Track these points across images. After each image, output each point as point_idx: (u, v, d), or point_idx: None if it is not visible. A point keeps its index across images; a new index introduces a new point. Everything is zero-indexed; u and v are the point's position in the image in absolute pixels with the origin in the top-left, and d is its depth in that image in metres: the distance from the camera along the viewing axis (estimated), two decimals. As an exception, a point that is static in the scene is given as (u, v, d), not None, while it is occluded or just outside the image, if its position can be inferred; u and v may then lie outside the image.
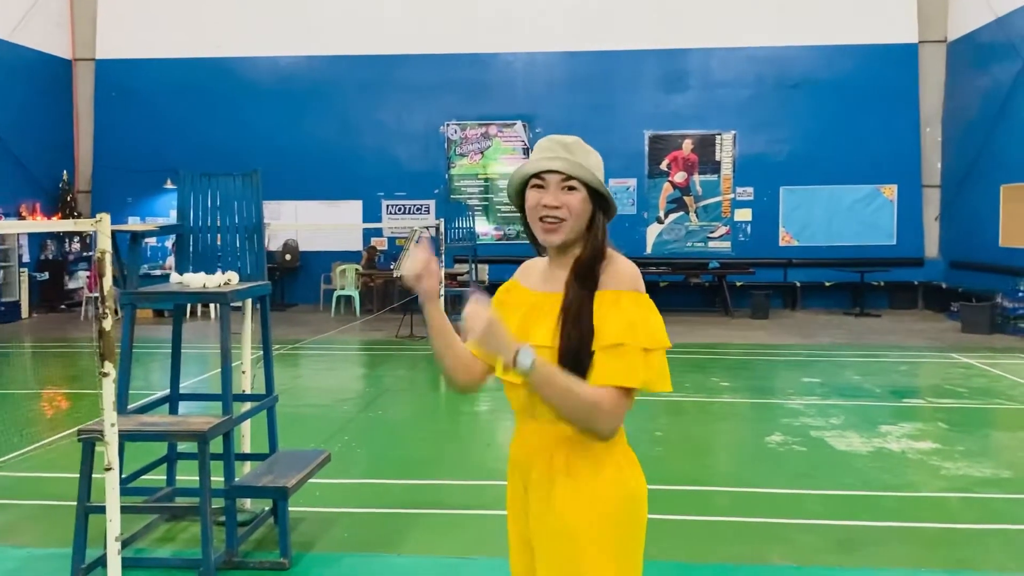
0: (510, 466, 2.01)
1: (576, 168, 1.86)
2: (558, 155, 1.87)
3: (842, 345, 10.90)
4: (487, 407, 7.64)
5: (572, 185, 1.86)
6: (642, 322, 1.79)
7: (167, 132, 15.77)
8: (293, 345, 11.00)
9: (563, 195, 1.86)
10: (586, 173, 1.87)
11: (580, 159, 1.87)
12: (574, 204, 1.86)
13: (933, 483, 5.21)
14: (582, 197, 1.87)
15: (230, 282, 4.34)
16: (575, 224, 1.87)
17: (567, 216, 1.86)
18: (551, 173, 1.87)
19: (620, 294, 1.82)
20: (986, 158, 13.42)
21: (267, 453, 4.58)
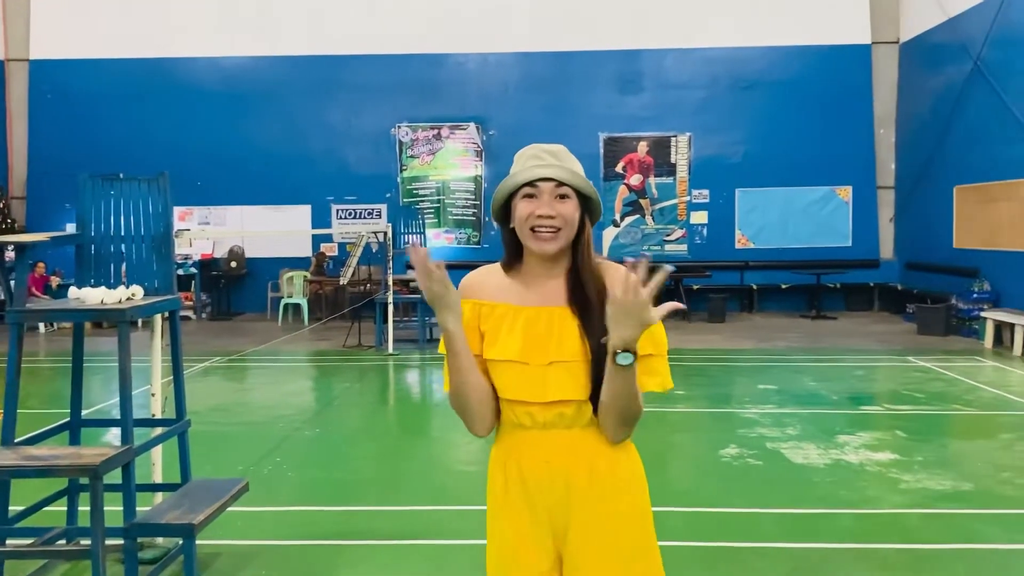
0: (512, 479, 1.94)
1: (569, 175, 1.85)
2: (549, 163, 1.86)
3: (798, 349, 10.74)
4: (437, 423, 7.31)
5: (565, 193, 1.85)
6: (659, 331, 1.85)
7: (107, 135, 15.17)
8: (231, 357, 10.55)
9: (557, 204, 1.85)
10: (578, 180, 1.86)
11: (570, 166, 1.88)
12: (568, 212, 1.85)
13: (892, 498, 4.98)
14: (575, 205, 1.86)
15: (134, 297, 3.95)
16: (570, 232, 1.86)
17: (563, 225, 1.84)
18: (544, 181, 1.85)
19: None
20: (939, 159, 13.40)
21: (179, 483, 4.18)
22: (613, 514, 1.89)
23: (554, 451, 1.89)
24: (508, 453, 1.95)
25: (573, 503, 1.89)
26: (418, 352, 10.84)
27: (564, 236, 1.85)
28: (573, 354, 1.84)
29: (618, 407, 1.80)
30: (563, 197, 1.85)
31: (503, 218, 1.93)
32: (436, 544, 4.34)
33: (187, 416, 4.23)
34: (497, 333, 1.89)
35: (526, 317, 1.89)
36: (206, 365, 9.98)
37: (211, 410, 7.61)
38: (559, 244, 1.85)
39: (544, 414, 1.88)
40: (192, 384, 8.94)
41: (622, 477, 1.91)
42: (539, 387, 1.86)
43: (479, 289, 1.95)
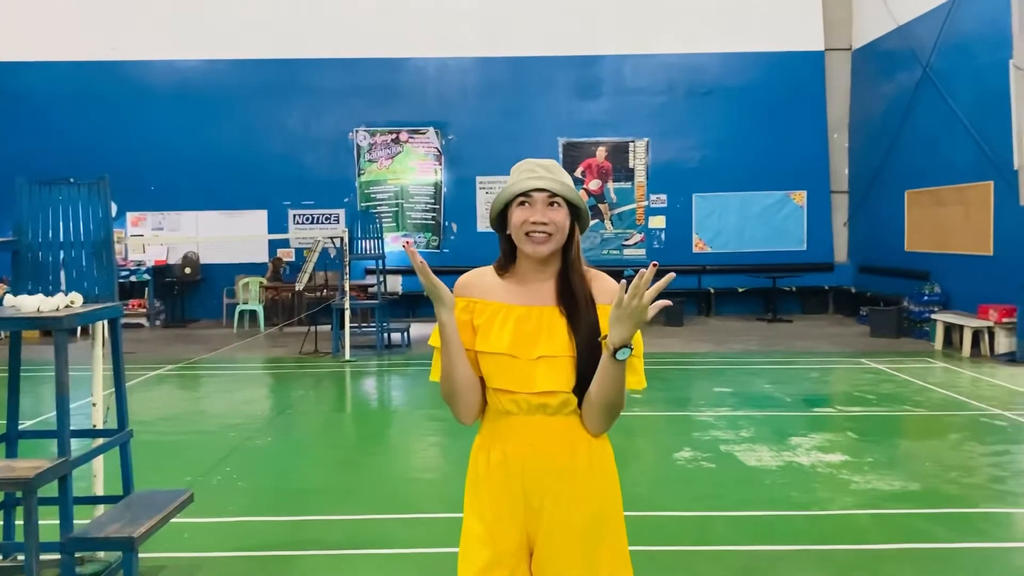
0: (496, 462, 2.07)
1: (560, 187, 2.04)
2: (541, 176, 2.05)
3: (754, 352, 10.85)
4: (393, 431, 7.24)
5: (556, 202, 2.03)
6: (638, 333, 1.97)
7: (58, 139, 14.83)
8: (184, 365, 10.36)
9: (549, 212, 2.03)
10: (568, 192, 2.05)
11: (564, 178, 2.07)
12: (559, 220, 2.03)
13: (843, 499, 5.03)
14: (565, 213, 2.05)
15: (73, 304, 3.85)
16: (560, 237, 2.04)
17: (554, 231, 2.02)
18: (538, 192, 2.03)
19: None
20: (891, 164, 13.65)
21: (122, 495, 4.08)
22: (588, 495, 2.05)
23: (539, 435, 2.05)
24: (493, 439, 2.10)
25: (553, 482, 2.04)
26: (376, 359, 10.75)
27: (555, 240, 2.04)
28: (560, 350, 2.01)
29: (607, 400, 1.97)
30: (554, 206, 2.04)
31: (500, 226, 2.13)
32: (387, 553, 4.29)
33: (129, 426, 4.12)
34: (490, 328, 2.06)
35: (518, 315, 2.06)
36: (158, 373, 9.79)
37: (161, 419, 7.46)
38: (551, 247, 2.03)
39: (530, 403, 2.03)
40: (142, 393, 8.78)
41: (598, 463, 2.07)
42: (527, 379, 2.02)
43: (473, 288, 2.12)
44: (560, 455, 2.04)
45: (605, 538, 2.07)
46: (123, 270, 14.81)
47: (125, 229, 15.31)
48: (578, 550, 2.04)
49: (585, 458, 2.05)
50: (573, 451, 2.05)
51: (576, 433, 2.05)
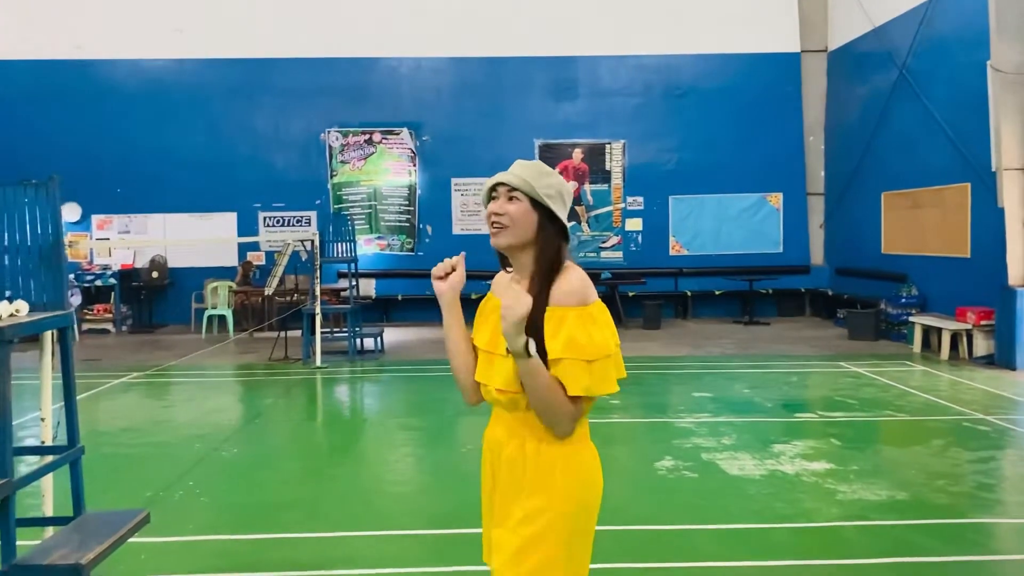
0: (484, 446, 2.25)
1: (519, 181, 2.08)
2: (512, 172, 2.11)
3: (733, 356, 10.73)
4: (365, 441, 7.01)
5: (516, 196, 2.08)
6: (584, 335, 1.98)
7: (20, 139, 14.45)
8: (150, 372, 10.05)
9: (507, 204, 2.08)
10: (526, 186, 2.07)
11: (526, 175, 2.09)
12: (514, 212, 2.08)
13: (828, 511, 4.88)
14: (524, 207, 2.08)
15: (17, 313, 3.60)
16: (516, 231, 2.08)
17: (509, 223, 2.08)
18: (501, 185, 2.12)
19: (566, 311, 2.00)
20: (867, 166, 13.61)
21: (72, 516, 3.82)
22: (528, 493, 2.07)
23: (502, 428, 2.16)
24: (489, 422, 2.25)
25: (504, 474, 2.14)
26: (348, 365, 10.50)
27: (511, 233, 2.08)
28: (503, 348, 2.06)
29: (538, 402, 2.00)
30: (515, 200, 2.09)
31: None
32: (358, 574, 4.07)
33: (82, 441, 3.87)
34: (482, 323, 2.22)
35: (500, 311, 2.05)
36: (123, 381, 9.48)
37: (123, 430, 7.19)
38: (505, 239, 2.09)
39: (495, 397, 2.13)
40: (106, 402, 8.48)
41: (545, 464, 2.07)
42: (491, 374, 2.12)
43: (494, 285, 2.26)
44: (509, 449, 2.12)
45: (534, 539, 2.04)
46: (88, 274, 14.45)
47: (90, 232, 14.94)
48: (508, 543, 2.09)
49: (532, 457, 2.08)
50: (522, 448, 2.10)
51: (528, 431, 2.09)
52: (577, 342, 1.97)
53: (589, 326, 2.00)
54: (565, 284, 2.04)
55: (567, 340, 1.98)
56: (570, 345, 1.97)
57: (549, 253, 2.09)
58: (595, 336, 1.99)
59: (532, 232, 2.09)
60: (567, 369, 1.98)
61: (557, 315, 2.01)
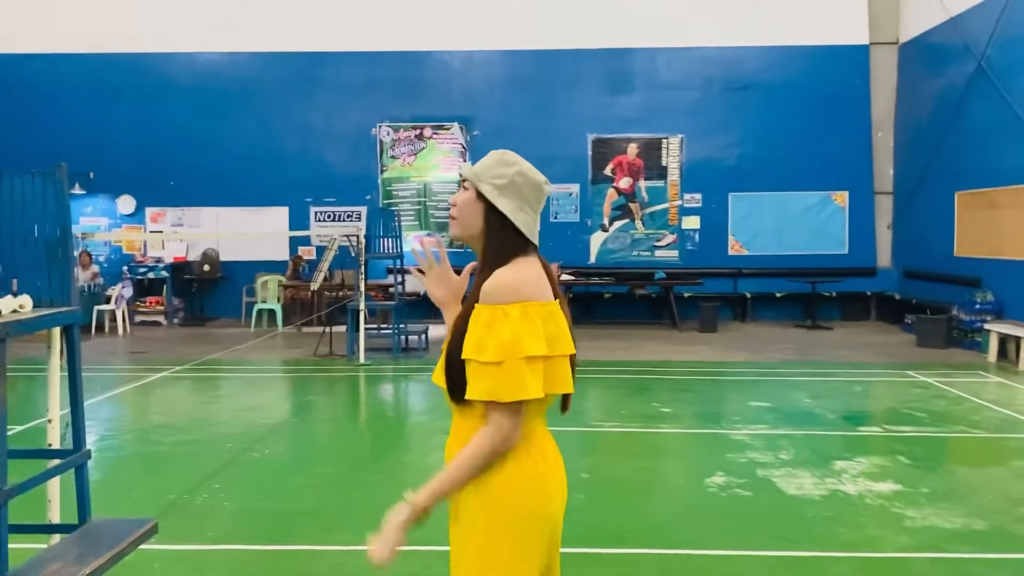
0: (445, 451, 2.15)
1: (467, 170, 2.02)
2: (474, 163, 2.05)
3: (793, 362, 10.21)
4: (402, 443, 6.75)
5: (466, 186, 2.02)
6: (489, 336, 1.86)
7: (77, 132, 14.60)
8: (194, 365, 9.97)
9: (460, 193, 2.03)
10: (471, 174, 2.01)
11: (480, 164, 2.02)
12: (459, 200, 2.02)
13: (896, 539, 4.43)
14: (468, 197, 2.00)
15: (22, 309, 3.39)
16: (462, 220, 2.02)
17: (457, 214, 2.02)
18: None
19: (483, 309, 1.89)
20: (940, 164, 12.90)
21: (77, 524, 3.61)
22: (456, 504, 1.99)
23: (451, 436, 2.06)
24: None
25: None
26: (392, 362, 10.28)
27: (459, 224, 2.02)
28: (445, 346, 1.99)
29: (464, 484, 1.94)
30: (465, 188, 2.02)
31: None
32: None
33: (86, 447, 3.65)
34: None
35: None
36: (165, 375, 9.41)
37: (157, 427, 7.05)
38: (455, 230, 2.04)
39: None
40: (144, 397, 8.39)
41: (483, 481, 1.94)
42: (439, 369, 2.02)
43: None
44: (451, 452, 2.02)
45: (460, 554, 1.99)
46: (141, 267, 14.54)
47: (144, 225, 15.05)
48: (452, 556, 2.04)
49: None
50: (452, 450, 2.01)
51: (462, 435, 1.97)
52: (482, 343, 1.85)
53: (500, 324, 1.85)
54: (491, 280, 1.90)
55: (475, 340, 1.87)
56: (477, 346, 1.86)
57: (494, 248, 1.97)
58: (501, 336, 1.84)
59: (479, 224, 2.00)
60: (471, 372, 1.87)
61: (475, 314, 1.91)
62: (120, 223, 15.05)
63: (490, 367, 1.83)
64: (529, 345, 1.84)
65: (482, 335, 1.85)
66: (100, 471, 5.77)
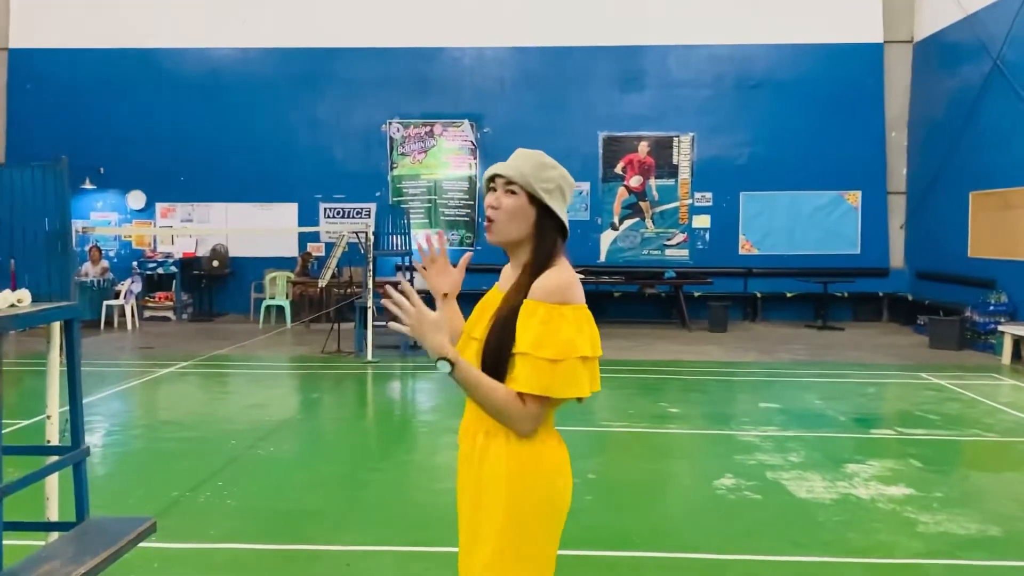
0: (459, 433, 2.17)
1: (516, 174, 1.97)
2: (510, 163, 2.00)
3: (803, 363, 10.10)
4: (409, 442, 6.69)
5: (513, 189, 1.99)
6: (549, 334, 1.88)
7: (88, 127, 14.63)
8: (201, 361, 9.94)
9: (503, 197, 1.99)
10: (522, 179, 1.97)
11: (525, 167, 1.98)
12: (508, 205, 1.99)
13: (909, 545, 4.35)
14: (520, 202, 1.99)
15: (20, 303, 3.35)
16: (508, 225, 1.99)
17: (504, 218, 1.99)
18: (499, 177, 2.02)
19: (538, 306, 1.91)
20: (954, 164, 12.76)
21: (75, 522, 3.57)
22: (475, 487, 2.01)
23: (467, 416, 2.10)
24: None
25: (461, 469, 2.08)
26: (399, 360, 10.23)
27: (501, 227, 2.00)
28: (481, 334, 2.00)
29: (484, 407, 1.93)
30: (512, 193, 1.99)
31: None
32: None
33: (85, 444, 3.61)
34: (478, 310, 2.12)
35: (491, 301, 2.07)
36: (172, 370, 9.38)
37: (162, 423, 7.03)
38: (495, 234, 2.01)
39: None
40: (150, 392, 8.37)
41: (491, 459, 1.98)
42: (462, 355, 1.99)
43: (502, 277, 2.17)
44: (466, 442, 2.06)
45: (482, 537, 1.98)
46: (151, 262, 14.54)
47: (154, 220, 15.04)
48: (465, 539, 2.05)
49: (480, 450, 2.01)
50: (474, 441, 2.03)
51: (483, 423, 2.01)
52: (541, 339, 1.89)
53: (558, 323, 1.90)
54: (544, 280, 1.94)
55: (534, 335, 1.90)
56: (536, 341, 1.89)
57: (544, 249, 2.00)
58: (562, 333, 1.90)
59: (529, 227, 2.01)
60: (526, 365, 1.89)
61: (529, 308, 1.93)
62: (130, 218, 15.05)
63: (548, 363, 1.87)
64: (582, 345, 1.92)
65: (540, 332, 1.89)
66: (105, 467, 5.74)
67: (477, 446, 2.02)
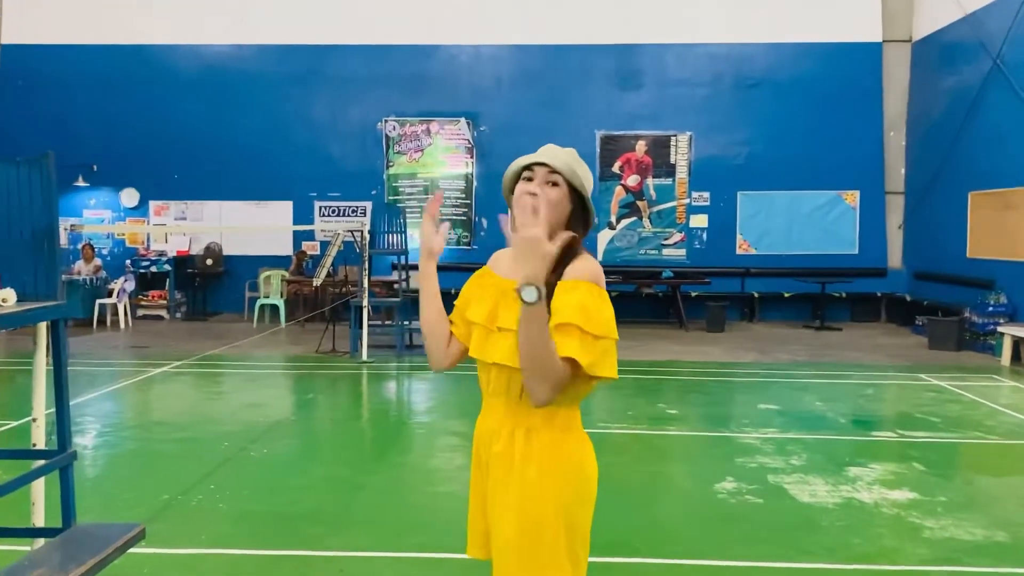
0: (474, 439, 2.14)
1: (563, 166, 1.99)
2: (549, 154, 2.02)
3: (802, 363, 10.03)
4: (405, 444, 6.60)
5: (555, 180, 1.99)
6: (595, 309, 1.88)
7: (81, 124, 14.51)
8: (194, 360, 9.83)
9: (546, 188, 1.99)
10: (568, 171, 1.99)
11: (569, 160, 2.02)
12: (552, 196, 1.98)
13: (914, 551, 4.27)
14: (562, 193, 2.00)
15: (5, 302, 3.25)
16: (551, 215, 1.95)
17: (545, 209, 1.89)
18: (539, 166, 2.01)
19: (578, 283, 1.92)
20: (953, 164, 12.70)
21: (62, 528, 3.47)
22: (517, 487, 1.96)
23: (493, 416, 2.05)
24: (480, 418, 2.12)
25: (493, 468, 2.02)
26: (395, 360, 10.13)
27: (545, 220, 1.88)
28: (511, 323, 1.93)
29: (528, 354, 1.82)
30: (554, 184, 1.99)
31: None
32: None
33: (72, 448, 3.50)
34: (479, 298, 2.08)
35: (504, 288, 2.02)
36: (165, 370, 9.27)
37: (155, 424, 6.93)
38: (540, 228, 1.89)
39: (489, 377, 2.03)
40: (143, 392, 8.26)
41: (535, 454, 1.96)
42: (487, 348, 2.00)
43: (493, 263, 2.17)
44: (500, 439, 2.01)
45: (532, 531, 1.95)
46: (144, 260, 14.42)
47: (148, 218, 14.92)
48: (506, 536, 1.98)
49: (522, 446, 1.98)
50: (511, 438, 2.00)
51: (519, 419, 1.99)
52: (588, 310, 1.88)
53: (599, 300, 1.92)
54: (580, 264, 1.96)
55: (579, 306, 1.88)
56: (582, 312, 1.87)
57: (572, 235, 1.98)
58: (604, 311, 1.92)
59: (563, 219, 2.02)
60: (572, 335, 1.86)
61: (568, 285, 1.92)
62: (124, 216, 14.93)
63: (592, 339, 1.87)
64: (615, 329, 1.96)
65: (586, 304, 1.88)
66: (95, 469, 5.65)
67: (517, 444, 1.99)
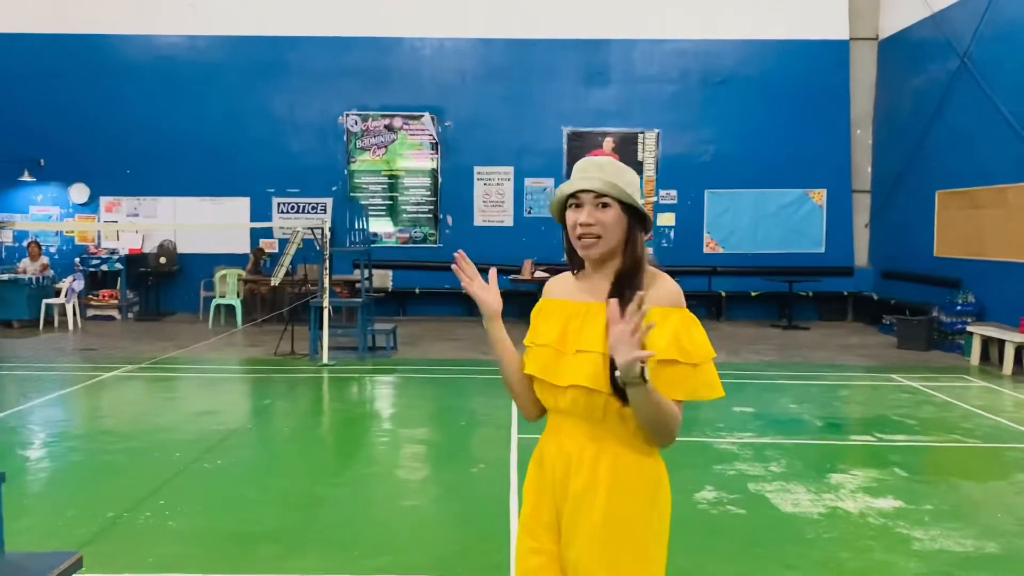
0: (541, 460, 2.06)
1: (608, 187, 1.95)
2: (592, 175, 1.96)
3: (773, 363, 9.90)
4: (369, 452, 6.29)
5: (606, 202, 1.96)
6: (688, 338, 1.89)
7: (27, 117, 13.95)
8: (146, 364, 9.40)
9: (597, 212, 1.96)
10: (616, 191, 1.95)
11: (612, 178, 1.96)
12: (607, 220, 1.96)
13: (906, 564, 4.08)
14: (616, 213, 1.97)
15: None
16: (610, 238, 1.97)
17: (602, 232, 1.96)
18: (585, 192, 1.96)
19: (669, 311, 1.91)
20: (920, 162, 12.69)
21: (-12, 558, 3.12)
22: (601, 513, 1.92)
23: (568, 437, 1.99)
24: (544, 434, 2.08)
25: (568, 491, 1.96)
26: (357, 363, 9.79)
27: (605, 242, 1.96)
28: (594, 345, 1.91)
29: (643, 420, 1.85)
30: (604, 206, 1.95)
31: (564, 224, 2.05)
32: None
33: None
34: (544, 323, 2.05)
35: (571, 311, 2.01)
36: (115, 374, 8.84)
37: (102, 433, 6.54)
38: (600, 249, 1.96)
39: (561, 398, 1.96)
40: (90, 399, 7.83)
41: (622, 481, 1.93)
42: (559, 370, 1.96)
43: (549, 291, 2.14)
44: (580, 465, 1.95)
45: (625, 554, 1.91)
46: (94, 258, 13.88)
47: (98, 214, 14.37)
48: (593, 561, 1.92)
49: (605, 475, 1.92)
50: (594, 463, 1.94)
51: (602, 444, 1.94)
52: (683, 342, 1.88)
53: (692, 326, 1.91)
54: (666, 285, 1.95)
55: (674, 341, 1.87)
56: (677, 346, 1.87)
57: (638, 256, 1.97)
58: (697, 337, 1.91)
59: (623, 235, 1.98)
60: (677, 372, 1.87)
61: (659, 315, 1.88)
62: (73, 212, 14.37)
63: (691, 368, 1.87)
64: (711, 347, 1.94)
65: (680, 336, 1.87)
66: (36, 484, 5.27)
67: (601, 470, 1.92)
